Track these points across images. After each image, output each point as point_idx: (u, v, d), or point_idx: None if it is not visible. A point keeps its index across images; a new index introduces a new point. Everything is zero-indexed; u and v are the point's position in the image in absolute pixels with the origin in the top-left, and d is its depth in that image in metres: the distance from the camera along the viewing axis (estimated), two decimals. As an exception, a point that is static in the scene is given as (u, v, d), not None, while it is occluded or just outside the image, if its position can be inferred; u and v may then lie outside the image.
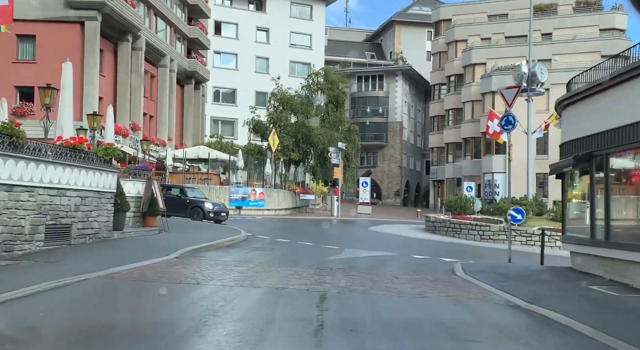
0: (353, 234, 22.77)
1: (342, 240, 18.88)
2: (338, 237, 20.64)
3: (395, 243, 19.32)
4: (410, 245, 18.94)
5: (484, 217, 23.54)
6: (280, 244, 16.50)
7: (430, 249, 17.81)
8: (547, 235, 20.83)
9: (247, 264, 11.24)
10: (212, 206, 22.55)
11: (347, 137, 38.08)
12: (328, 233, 22.47)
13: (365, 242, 19.06)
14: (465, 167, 48.29)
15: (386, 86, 68.58)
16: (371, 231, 24.01)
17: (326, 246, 16.21)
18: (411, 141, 73.41)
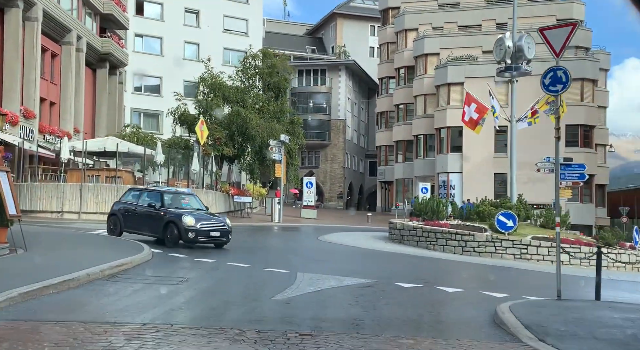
0: (303, 247, 17.58)
1: (290, 257, 13.71)
2: (284, 252, 15.44)
3: (362, 260, 14.33)
4: (383, 263, 14.01)
5: (462, 224, 19.05)
6: (200, 267, 11.13)
7: (414, 269, 12.99)
8: (547, 248, 16.52)
9: (110, 333, 5.61)
10: (194, 221, 13.78)
11: (290, 130, 32.91)
12: (270, 246, 17.18)
13: (322, 259, 13.97)
14: (418, 167, 44.28)
15: (329, 81, 64.04)
16: (324, 242, 18.95)
17: (270, 269, 11.03)
18: (354, 141, 69.22)
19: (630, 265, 16.28)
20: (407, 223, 19.47)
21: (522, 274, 13.50)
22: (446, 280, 11.05)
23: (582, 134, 38.19)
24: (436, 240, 18.11)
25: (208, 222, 14.14)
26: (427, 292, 9.70)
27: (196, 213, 14.42)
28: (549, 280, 12.74)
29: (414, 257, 15.81)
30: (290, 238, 21.74)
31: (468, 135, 39.74)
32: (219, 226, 14.23)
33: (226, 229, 14.26)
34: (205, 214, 14.79)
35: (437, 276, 11.83)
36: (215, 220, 14.63)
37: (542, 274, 13.86)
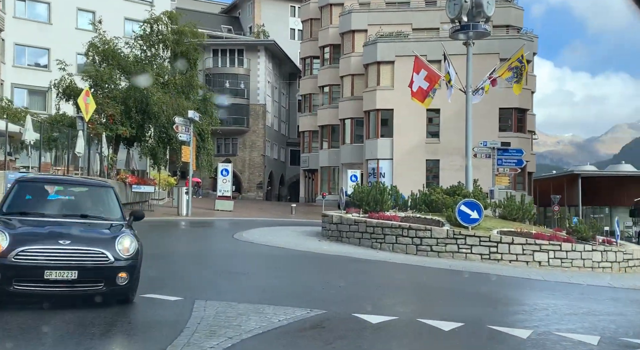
0: (212, 251, 13.11)
1: (191, 270, 9.41)
2: (183, 259, 11.00)
3: (295, 270, 10.23)
4: (324, 272, 10.01)
5: (414, 216, 15.47)
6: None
7: (371, 282, 9.14)
8: (522, 245, 13.33)
9: None
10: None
11: (202, 108, 28.10)
12: (165, 250, 12.54)
13: (239, 270, 9.70)
14: (345, 154, 40.82)
15: (247, 63, 59.18)
16: (241, 242, 14.67)
17: (151, 296, 6.75)
18: (275, 127, 64.92)
19: (617, 265, 13.43)
20: (346, 216, 15.61)
21: (514, 285, 10.04)
22: (428, 303, 7.28)
23: (515, 118, 36.28)
24: (384, 238, 14.39)
25: (50, 247, 6.23)
26: (411, 332, 5.81)
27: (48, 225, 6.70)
28: (561, 291, 9.39)
29: (362, 261, 11.94)
30: (198, 237, 17.23)
31: (399, 119, 36.78)
32: (75, 257, 6.22)
33: (100, 262, 6.29)
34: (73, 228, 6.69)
35: (411, 294, 8.06)
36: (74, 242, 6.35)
37: (532, 282, 10.47)
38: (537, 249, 13.23)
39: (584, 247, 13.28)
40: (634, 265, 13.77)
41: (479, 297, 8.26)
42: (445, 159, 35.88)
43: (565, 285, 10.33)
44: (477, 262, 13.11)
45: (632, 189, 47.70)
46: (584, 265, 13.21)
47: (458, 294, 8.69)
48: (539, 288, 9.75)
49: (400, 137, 36.61)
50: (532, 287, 9.94)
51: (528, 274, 11.49)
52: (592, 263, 13.25)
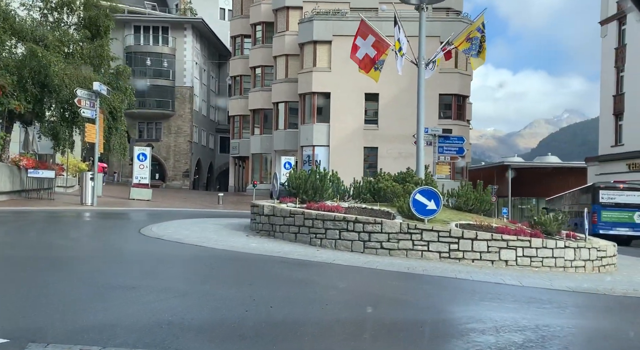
0: (98, 252, 9.92)
1: (51, 283, 6.52)
2: (48, 265, 7.94)
3: (210, 281, 7.40)
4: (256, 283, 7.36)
5: (359, 207, 13.12)
6: None
7: (322, 302, 6.52)
8: (487, 242, 11.33)
9: None
10: None
11: (114, 82, 24.51)
12: (30, 251, 9.42)
13: (125, 284, 6.77)
14: (278, 140, 38.15)
15: (172, 41, 55.15)
16: (149, 238, 11.76)
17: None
18: (204, 112, 61.26)
19: (590, 264, 11.72)
20: (280, 207, 13.02)
21: (495, 295, 7.85)
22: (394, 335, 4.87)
23: (455, 104, 34.95)
24: (325, 232, 11.94)
25: None
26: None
27: None
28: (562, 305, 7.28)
29: (300, 264, 9.39)
30: (91, 233, 14.00)
31: (337, 103, 34.56)
32: None
33: None
34: None
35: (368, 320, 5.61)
36: None
37: (513, 290, 8.36)
38: (504, 245, 11.24)
39: (555, 243, 11.44)
40: (607, 264, 12.12)
41: (461, 322, 5.96)
42: (384, 147, 34.08)
43: (558, 295, 8.28)
44: (436, 262, 10.94)
45: (557, 180, 48.25)
46: (556, 264, 11.37)
47: (429, 313, 6.36)
48: (529, 300, 7.62)
49: (337, 123, 34.42)
50: (520, 298, 7.80)
51: (501, 278, 9.41)
52: (564, 262, 11.43)
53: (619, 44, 36.49)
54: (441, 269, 9.91)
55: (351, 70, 34.78)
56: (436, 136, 26.73)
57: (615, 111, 36.53)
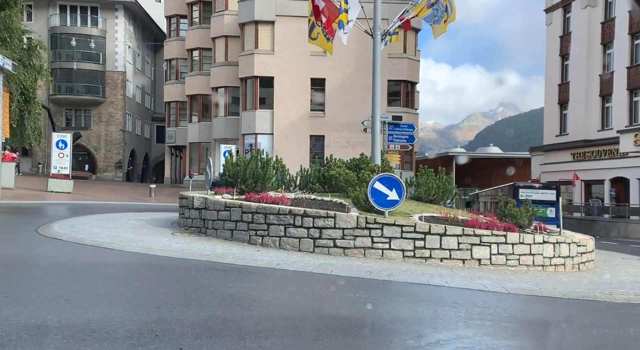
0: None
1: None
2: None
3: (105, 301, 5.34)
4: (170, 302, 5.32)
5: (308, 198, 11.21)
6: None
7: (265, 333, 4.52)
8: (457, 237, 9.73)
9: None
10: None
11: (26, 58, 21.41)
12: None
13: None
14: (218, 128, 35.65)
15: (102, 23, 51.18)
16: (41, 239, 9.38)
17: None
18: (138, 100, 57.52)
19: (570, 261, 10.34)
20: (214, 198, 10.91)
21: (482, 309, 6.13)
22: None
23: (404, 91, 33.60)
24: (267, 229, 9.97)
25: None
26: None
27: None
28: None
29: (234, 272, 7.36)
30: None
31: (281, 88, 32.46)
32: None
33: None
34: None
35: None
36: None
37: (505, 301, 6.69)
38: (477, 241, 9.65)
39: (533, 238, 9.97)
40: (587, 260, 10.78)
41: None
42: (331, 135, 32.35)
43: (558, 306, 6.67)
44: (400, 263, 9.21)
45: (499, 170, 48.31)
46: (534, 262, 9.90)
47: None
48: (529, 319, 5.96)
49: (281, 109, 32.35)
50: (517, 314, 6.13)
51: (481, 282, 7.76)
52: (542, 260, 9.98)
53: (564, 32, 36.23)
54: (409, 272, 8.16)
55: (296, 54, 32.91)
56: (386, 123, 25.16)
57: (560, 100, 36.32)
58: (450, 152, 54.65)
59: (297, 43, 32.22)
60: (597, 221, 29.78)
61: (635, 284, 8.88)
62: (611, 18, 32.09)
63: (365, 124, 23.36)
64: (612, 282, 8.99)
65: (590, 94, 33.29)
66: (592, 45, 33.16)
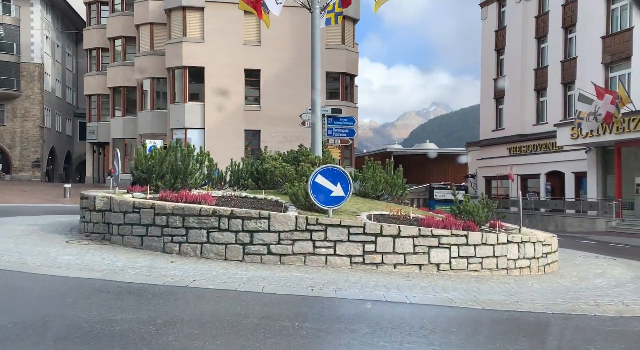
0: None
1: None
2: None
3: None
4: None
5: (237, 196, 9.50)
6: None
7: None
8: (412, 239, 8.29)
9: None
10: None
11: None
12: None
13: None
14: (144, 122, 33.03)
15: (16, 11, 46.96)
16: None
17: None
18: (59, 94, 53.40)
19: (536, 262, 9.19)
20: (119, 198, 8.97)
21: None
22: None
23: (343, 83, 32.30)
24: (187, 234, 8.18)
25: None
26: None
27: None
28: None
29: (133, 294, 5.55)
30: None
31: (212, 79, 30.33)
32: None
33: None
34: None
35: None
36: None
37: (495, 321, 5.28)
38: (435, 243, 8.28)
39: (496, 237, 8.72)
40: (552, 261, 9.68)
41: None
42: (267, 130, 30.60)
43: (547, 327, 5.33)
44: (347, 272, 7.69)
45: (436, 166, 48.31)
46: (497, 266, 8.66)
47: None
48: None
49: (213, 102, 30.23)
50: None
51: (447, 295, 6.34)
52: (507, 262, 8.75)
53: (499, 26, 36.17)
54: (360, 285, 6.64)
55: (228, 43, 30.87)
56: (325, 116, 23.69)
57: (496, 95, 36.25)
58: (388, 148, 54.14)
59: (228, 31, 30.22)
60: (534, 215, 29.66)
61: (614, 289, 7.79)
62: (545, 12, 32.15)
63: (304, 117, 21.79)
64: (589, 287, 7.85)
65: (525, 88, 33.28)
66: (526, 39, 33.15)
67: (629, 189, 25.62)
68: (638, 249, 16.24)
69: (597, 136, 24.88)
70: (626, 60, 25.70)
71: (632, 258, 12.73)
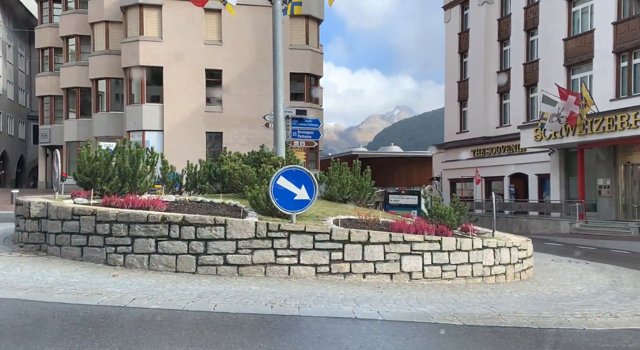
0: None
1: None
2: None
3: None
4: None
5: (191, 201, 8.68)
6: None
7: None
8: (359, 244, 7.62)
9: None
10: None
11: None
12: None
13: None
14: (100, 124, 31.59)
15: (-37, 7, 44.68)
16: None
17: None
18: (10, 96, 51.04)
19: (512, 269, 8.67)
20: (57, 204, 8.03)
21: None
22: None
23: (308, 85, 31.64)
24: (132, 244, 7.33)
25: None
26: None
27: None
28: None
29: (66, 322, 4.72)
30: None
31: (171, 80, 29.20)
32: None
33: None
34: None
35: None
36: None
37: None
38: (407, 250, 7.66)
39: (472, 242, 8.16)
40: (528, 266, 9.20)
41: None
42: (230, 132, 29.66)
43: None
44: (312, 283, 6.99)
45: (400, 168, 48.24)
46: (473, 273, 8.10)
47: None
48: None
49: (172, 104, 29.11)
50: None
51: (423, 310, 5.70)
52: (482, 269, 8.21)
53: (462, 29, 36.20)
54: (326, 299, 5.94)
55: (188, 42, 29.80)
56: (289, 118, 22.98)
57: (460, 97, 36.24)
58: (354, 151, 53.78)
59: (188, 30, 29.20)
60: (498, 218, 29.59)
61: (596, 297, 7.32)
62: (507, 15, 32.26)
63: (268, 118, 21.02)
64: (570, 296, 7.36)
65: (488, 91, 33.33)
66: (489, 42, 33.22)
67: (592, 190, 25.78)
68: (605, 251, 16.09)
69: (560, 138, 24.93)
70: (587, 63, 25.89)
71: (603, 261, 12.45)
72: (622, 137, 22.23)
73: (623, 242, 18.70)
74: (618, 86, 24.33)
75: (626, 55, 24.08)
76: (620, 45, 24.07)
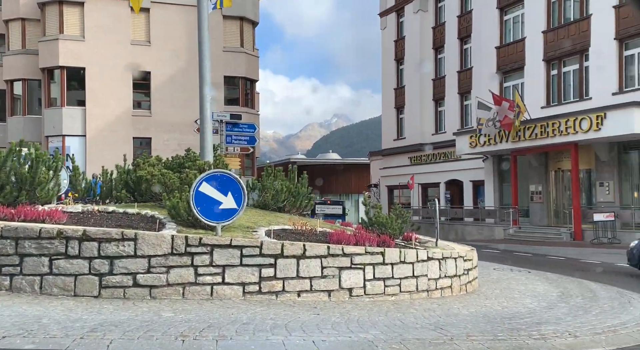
0: None
1: None
2: None
3: None
4: None
5: (100, 211, 7.52)
6: None
7: None
8: (294, 258, 6.73)
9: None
10: None
11: None
12: None
13: None
14: (15, 129, 29.12)
15: None
16: None
17: None
18: None
19: (458, 281, 8.06)
20: None
21: None
22: None
23: (243, 89, 30.54)
24: (21, 263, 6.12)
25: None
26: None
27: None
28: None
29: None
30: None
31: (95, 81, 27.32)
32: None
33: None
34: None
35: None
36: None
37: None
38: (347, 264, 6.86)
39: (416, 253, 7.47)
40: (474, 278, 8.64)
41: None
42: (159, 137, 28.08)
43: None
44: (240, 305, 6.04)
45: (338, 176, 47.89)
46: (418, 287, 7.41)
47: None
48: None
49: (96, 107, 27.22)
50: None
51: (364, 336, 4.90)
52: (427, 283, 7.53)
53: (398, 36, 36.29)
54: (253, 326, 5.01)
55: (113, 41, 28.01)
56: (223, 122, 21.81)
57: (397, 104, 36.26)
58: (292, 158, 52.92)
59: (113, 29, 27.46)
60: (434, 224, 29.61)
61: (548, 311, 6.79)
62: (441, 23, 32.56)
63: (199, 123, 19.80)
64: (522, 312, 6.79)
65: (424, 98, 33.48)
66: (424, 49, 33.41)
67: (524, 196, 26.17)
68: (542, 257, 16.03)
69: (494, 145, 25.16)
70: (519, 70, 26.34)
71: (544, 269, 12.20)
72: (553, 143, 22.62)
73: (557, 247, 18.84)
74: (549, 94, 24.85)
75: (556, 63, 24.64)
76: (550, 53, 24.60)
